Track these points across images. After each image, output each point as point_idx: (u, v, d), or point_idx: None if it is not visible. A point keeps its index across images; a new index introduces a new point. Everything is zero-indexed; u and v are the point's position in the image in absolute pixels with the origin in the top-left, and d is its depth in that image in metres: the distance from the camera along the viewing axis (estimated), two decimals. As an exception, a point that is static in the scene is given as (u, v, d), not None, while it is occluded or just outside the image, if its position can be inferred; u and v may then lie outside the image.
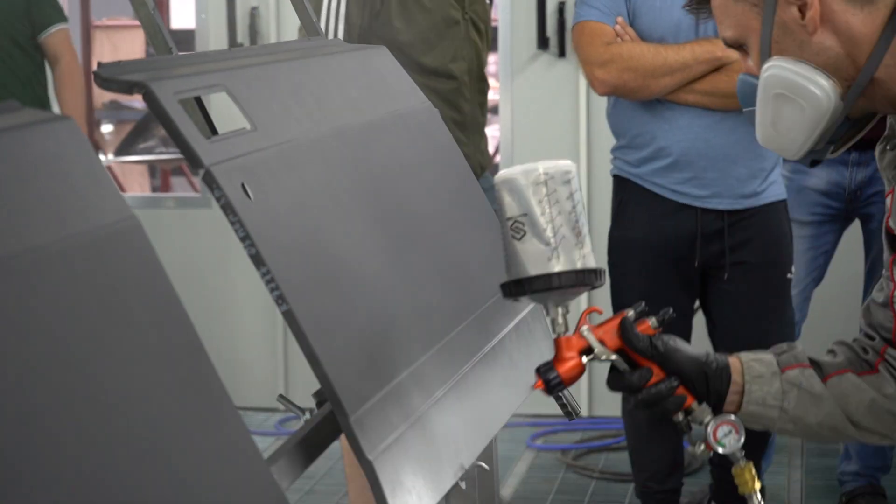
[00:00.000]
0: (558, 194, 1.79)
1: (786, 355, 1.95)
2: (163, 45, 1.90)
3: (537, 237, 1.78)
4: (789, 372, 1.93)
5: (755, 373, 1.92)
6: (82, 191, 1.41)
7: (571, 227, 1.78)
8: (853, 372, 1.94)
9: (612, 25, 3.64)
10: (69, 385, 1.27)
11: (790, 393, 1.92)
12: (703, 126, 3.60)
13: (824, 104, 1.81)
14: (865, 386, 1.92)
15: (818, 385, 1.93)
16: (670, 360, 1.85)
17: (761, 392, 1.91)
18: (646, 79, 3.59)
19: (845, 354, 1.97)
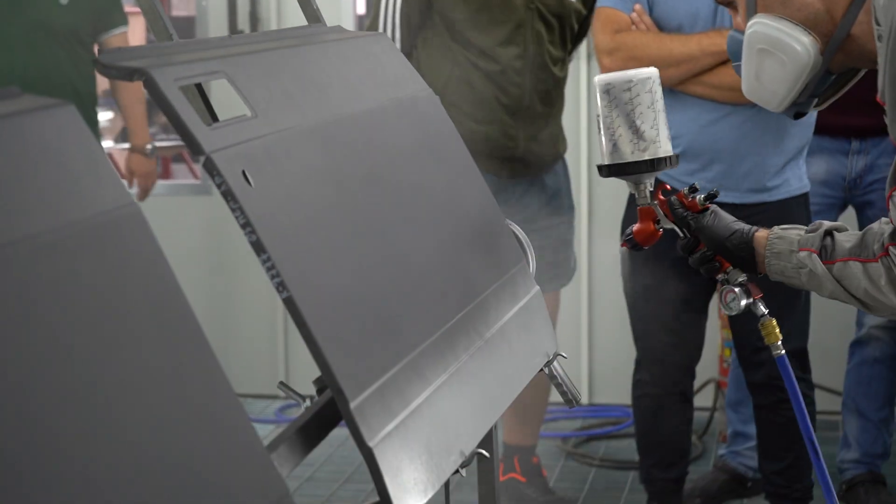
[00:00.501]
0: (619, 99, 2.25)
1: (808, 235, 2.23)
2: (163, 31, 1.89)
3: (604, 134, 2.28)
4: (801, 253, 2.22)
5: (775, 249, 2.25)
6: (82, 177, 1.40)
7: (629, 125, 2.24)
8: (857, 259, 2.16)
9: (628, 13, 3.64)
10: (69, 373, 1.27)
11: (803, 270, 2.22)
12: (711, 119, 3.60)
13: (804, 58, 1.97)
14: (861, 274, 2.15)
15: (821, 268, 2.19)
16: (701, 235, 2.31)
17: (779, 266, 2.24)
18: None
19: (853, 241, 2.19)
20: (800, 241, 2.23)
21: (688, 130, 3.62)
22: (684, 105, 3.63)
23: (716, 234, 2.29)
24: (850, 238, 2.21)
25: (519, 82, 3.94)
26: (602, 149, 2.29)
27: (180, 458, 1.36)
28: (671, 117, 3.79)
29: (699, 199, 2.32)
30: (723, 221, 2.30)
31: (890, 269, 2.12)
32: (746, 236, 2.28)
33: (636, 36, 3.61)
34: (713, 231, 2.28)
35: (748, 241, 2.27)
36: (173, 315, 1.45)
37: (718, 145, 3.60)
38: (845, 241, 2.20)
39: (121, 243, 1.42)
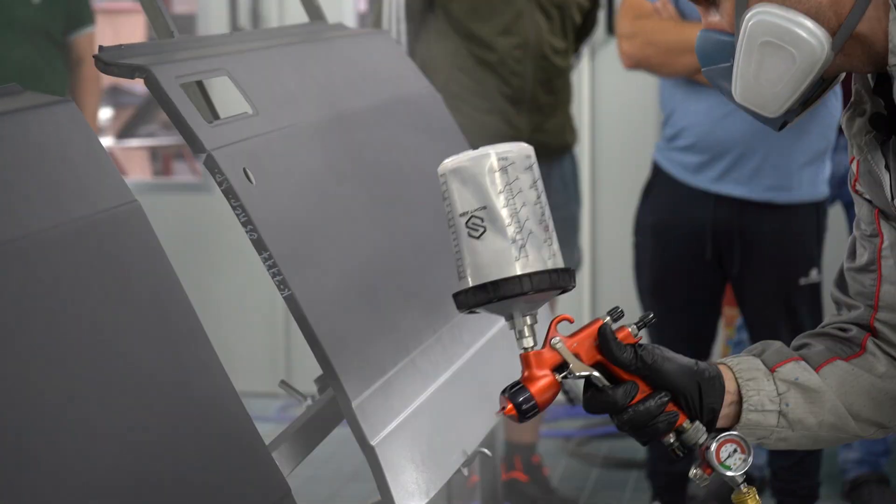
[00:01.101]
0: (521, 182, 1.54)
1: (768, 354, 1.74)
2: (164, 28, 1.89)
3: (499, 233, 1.53)
4: (781, 368, 1.73)
5: (748, 375, 1.71)
6: (84, 175, 1.40)
7: (538, 220, 1.54)
8: (840, 359, 1.75)
9: (653, 1, 3.64)
10: (70, 369, 1.26)
11: (787, 393, 1.73)
12: (725, 111, 3.58)
13: (817, 52, 1.64)
14: (859, 371, 1.75)
15: (815, 378, 1.73)
16: (659, 372, 1.61)
17: (758, 396, 1.70)
18: (667, 55, 3.58)
19: (823, 343, 1.77)
20: (764, 360, 1.74)
21: (700, 122, 3.60)
22: (699, 96, 3.61)
23: (682, 370, 1.64)
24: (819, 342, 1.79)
25: (520, 71, 3.96)
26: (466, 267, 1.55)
27: (182, 456, 1.36)
28: (686, 107, 3.77)
29: (632, 328, 1.63)
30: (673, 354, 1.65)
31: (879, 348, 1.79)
32: (714, 369, 1.68)
33: (655, 22, 3.61)
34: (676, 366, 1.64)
35: (718, 376, 1.68)
36: (174, 313, 1.44)
37: (730, 138, 3.58)
38: (814, 347, 1.78)
39: (122, 241, 1.41)
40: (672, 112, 3.70)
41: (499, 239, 1.52)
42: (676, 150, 3.69)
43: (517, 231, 1.52)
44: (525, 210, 1.53)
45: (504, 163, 1.53)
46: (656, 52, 3.58)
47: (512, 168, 1.53)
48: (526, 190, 1.53)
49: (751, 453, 1.66)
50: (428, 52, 4.05)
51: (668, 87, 3.72)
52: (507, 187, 1.53)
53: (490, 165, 1.52)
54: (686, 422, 1.63)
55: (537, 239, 1.53)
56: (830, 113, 3.62)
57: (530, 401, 1.57)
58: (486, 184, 1.52)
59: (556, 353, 1.59)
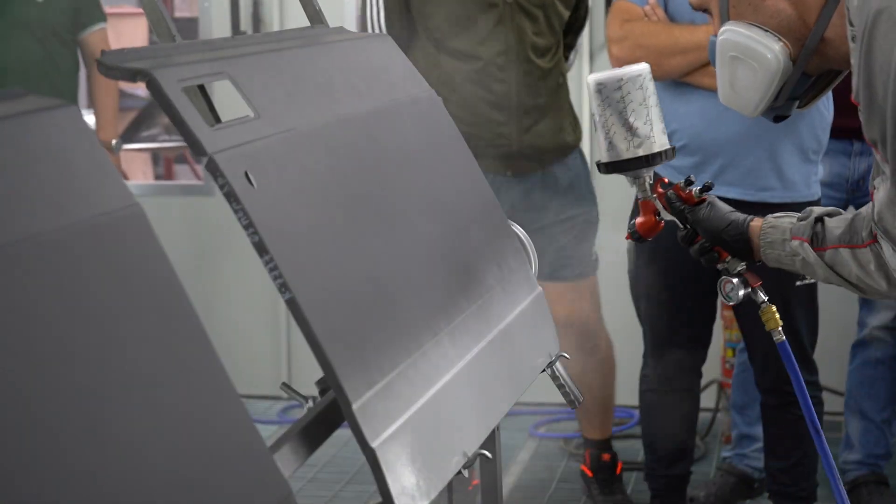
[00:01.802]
0: (611, 98, 2.29)
1: (800, 224, 2.26)
2: (166, 32, 1.89)
3: (600, 132, 2.32)
4: (794, 242, 2.26)
5: (769, 238, 2.30)
6: (85, 178, 1.41)
7: (622, 123, 2.29)
8: (846, 246, 2.20)
9: (642, 6, 3.65)
10: (71, 373, 1.27)
11: (796, 258, 2.27)
12: (717, 111, 3.58)
13: (774, 65, 2.00)
14: (851, 261, 2.19)
15: (812, 256, 2.23)
16: (698, 227, 2.35)
17: (774, 254, 2.30)
18: (658, 57, 3.58)
19: (842, 227, 2.21)
20: (792, 229, 2.27)
21: (692, 123, 3.61)
22: (690, 97, 3.62)
23: (712, 225, 2.33)
24: (839, 224, 2.24)
25: (503, 77, 3.92)
26: (600, 146, 2.34)
27: (183, 459, 1.37)
28: (676, 109, 3.78)
29: (695, 191, 2.36)
30: (719, 213, 2.34)
31: (879, 256, 2.13)
32: (742, 227, 2.33)
33: (644, 25, 3.62)
34: (710, 223, 2.33)
35: (744, 232, 2.32)
36: (176, 316, 1.45)
37: (723, 138, 3.59)
38: (835, 228, 2.24)
39: (124, 244, 1.42)
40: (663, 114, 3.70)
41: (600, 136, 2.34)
42: None
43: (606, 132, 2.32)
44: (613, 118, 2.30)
45: (599, 86, 2.31)
46: (646, 54, 3.59)
47: (604, 89, 2.30)
48: (614, 103, 2.29)
49: (746, 286, 2.37)
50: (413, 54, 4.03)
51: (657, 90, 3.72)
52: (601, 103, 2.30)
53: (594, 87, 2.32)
54: (728, 257, 2.37)
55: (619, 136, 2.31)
56: (821, 114, 3.63)
57: (636, 232, 2.43)
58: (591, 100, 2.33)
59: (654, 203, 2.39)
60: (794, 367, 2.40)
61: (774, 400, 3.80)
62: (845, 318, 4.73)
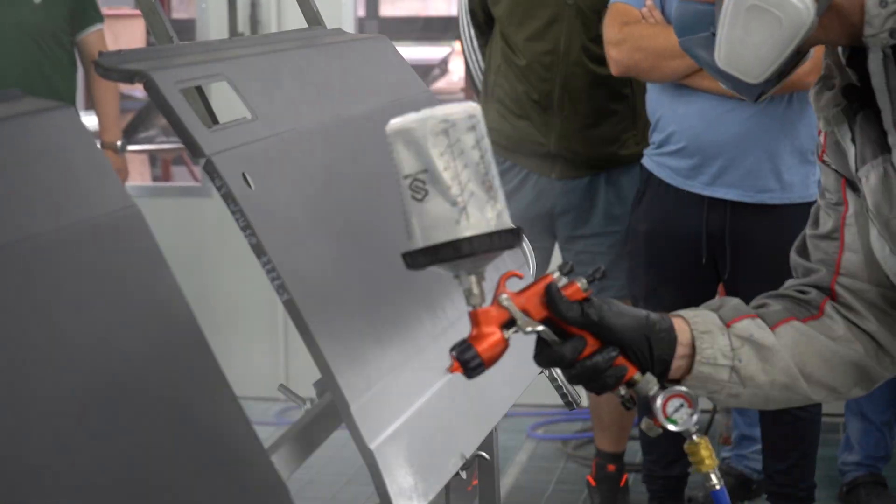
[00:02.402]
0: (462, 143, 1.53)
1: (725, 310, 1.77)
2: (163, 34, 1.89)
3: (441, 196, 1.53)
4: (737, 324, 1.75)
5: (703, 328, 1.73)
6: (83, 179, 1.41)
7: (481, 180, 1.53)
8: (797, 319, 1.79)
9: (639, 8, 3.65)
10: (69, 374, 1.27)
11: (741, 349, 1.74)
12: (715, 113, 3.59)
13: (803, 16, 1.67)
14: (814, 332, 1.78)
15: (769, 336, 1.75)
16: (606, 327, 1.63)
17: (712, 349, 1.72)
18: (657, 59, 3.58)
19: (782, 304, 1.81)
20: (721, 315, 1.77)
21: (691, 125, 3.61)
22: (689, 99, 3.62)
23: (630, 325, 1.66)
24: (775, 302, 1.84)
25: (547, 77, 3.92)
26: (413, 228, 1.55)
27: (181, 461, 1.36)
28: (675, 111, 3.77)
29: (582, 283, 1.64)
30: (624, 307, 1.68)
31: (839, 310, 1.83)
32: (666, 322, 1.72)
33: (643, 28, 3.62)
34: (624, 322, 1.66)
35: (669, 329, 1.71)
36: (173, 317, 1.45)
37: (722, 140, 3.59)
38: (774, 305, 1.82)
39: (121, 245, 1.42)
40: (660, 117, 3.70)
41: (440, 202, 1.52)
42: (666, 155, 3.70)
43: (458, 193, 1.52)
44: (467, 172, 1.52)
45: (445, 125, 1.53)
46: (644, 57, 3.59)
47: (453, 130, 1.53)
48: (468, 150, 1.53)
49: (696, 408, 1.69)
50: (488, 56, 4.12)
51: (655, 92, 3.72)
52: (449, 149, 1.52)
53: (431, 128, 1.52)
54: (637, 374, 1.66)
55: (479, 200, 1.52)
56: None
57: (476, 358, 1.58)
58: (427, 147, 1.52)
59: (505, 309, 1.60)
60: None
61: None
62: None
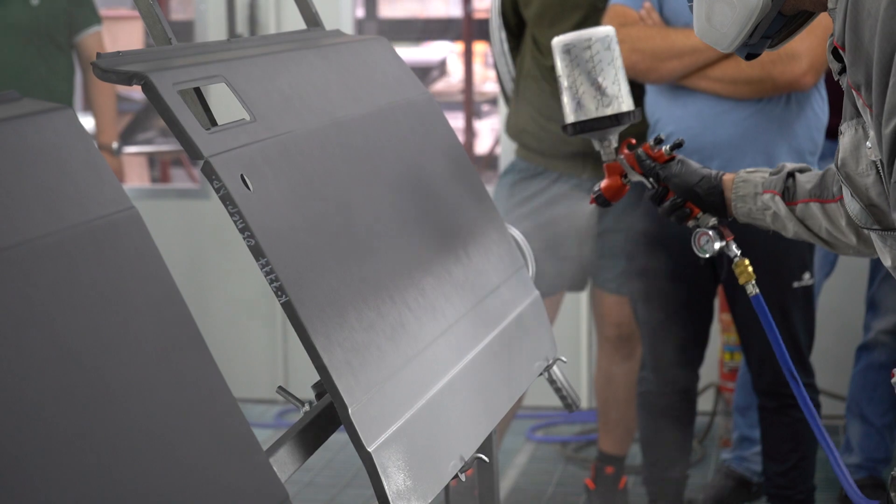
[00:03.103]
0: (580, 59, 2.31)
1: (772, 178, 2.31)
2: (162, 35, 1.89)
3: (567, 93, 2.33)
4: (765, 195, 2.30)
5: (741, 192, 2.33)
6: (81, 181, 1.40)
7: (591, 83, 2.31)
8: (816, 200, 2.24)
9: (637, 10, 3.65)
10: (68, 377, 1.27)
11: (767, 211, 2.31)
12: (713, 114, 3.59)
13: (752, 2, 1.99)
14: (821, 215, 2.24)
15: (783, 210, 2.29)
16: (670, 184, 2.36)
17: (745, 208, 2.34)
18: (654, 61, 3.59)
19: (813, 182, 2.26)
20: (763, 183, 2.31)
21: (689, 125, 3.61)
22: (687, 100, 3.62)
23: (685, 180, 2.35)
24: (811, 179, 2.27)
25: None
26: (565, 110, 2.34)
27: (180, 462, 1.36)
28: (673, 112, 3.78)
29: (665, 149, 2.37)
30: (690, 168, 2.36)
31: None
32: (715, 181, 2.34)
33: (640, 29, 3.62)
34: (682, 178, 2.35)
35: (717, 185, 2.34)
36: (172, 319, 1.45)
37: (720, 140, 3.59)
38: (806, 183, 2.27)
39: (120, 247, 1.41)
40: (659, 119, 3.71)
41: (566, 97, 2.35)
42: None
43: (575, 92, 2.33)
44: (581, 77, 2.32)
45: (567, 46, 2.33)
46: (642, 58, 3.60)
47: (574, 49, 2.33)
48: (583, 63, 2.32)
49: (721, 239, 2.37)
50: (519, 59, 4.14)
51: (653, 93, 3.73)
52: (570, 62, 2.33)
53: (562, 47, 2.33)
54: (700, 213, 2.37)
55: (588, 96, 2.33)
56: (816, 115, 3.64)
57: (601, 196, 2.41)
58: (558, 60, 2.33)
59: (621, 164, 2.39)
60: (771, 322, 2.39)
61: (772, 402, 3.80)
62: (845, 321, 4.72)
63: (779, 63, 3.51)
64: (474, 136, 7.34)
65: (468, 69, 7.07)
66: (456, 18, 8.44)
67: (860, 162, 2.01)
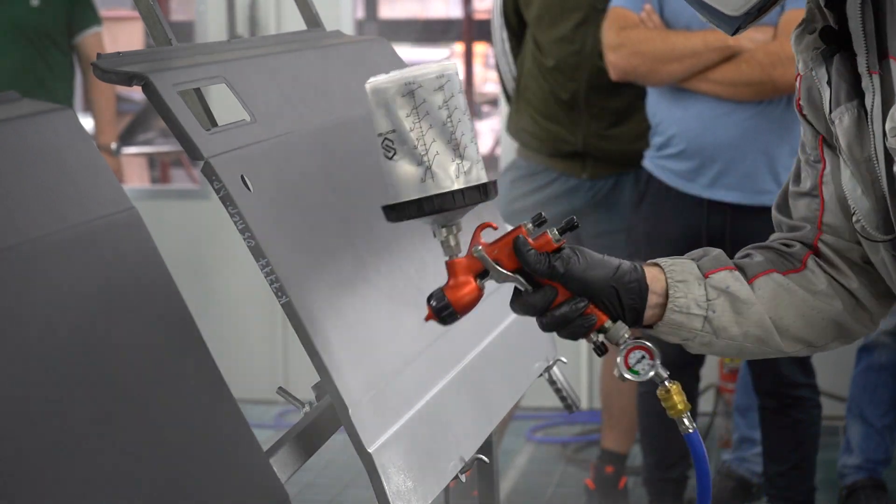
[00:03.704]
0: (429, 104, 1.59)
1: (705, 260, 1.78)
2: (162, 36, 1.89)
3: (408, 156, 1.60)
4: (714, 275, 1.76)
5: (678, 277, 1.75)
6: (82, 182, 1.40)
7: (447, 140, 1.59)
8: (777, 272, 1.79)
9: (638, 12, 3.66)
10: (68, 376, 1.27)
11: (716, 300, 1.75)
12: (714, 116, 3.60)
13: None
14: (794, 286, 1.78)
15: (745, 289, 1.76)
16: (573, 279, 1.68)
17: (685, 298, 1.74)
18: (654, 63, 3.60)
19: (765, 255, 1.81)
20: (700, 266, 1.78)
21: (690, 127, 3.62)
22: (687, 102, 3.63)
23: (596, 275, 1.70)
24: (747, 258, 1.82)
25: (574, 77, 3.97)
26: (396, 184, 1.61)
27: (180, 463, 1.36)
28: (673, 114, 3.78)
29: (553, 233, 1.68)
30: (596, 258, 1.71)
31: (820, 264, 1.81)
32: (637, 272, 1.73)
33: (641, 32, 3.63)
34: (592, 272, 1.69)
35: (639, 279, 1.73)
36: (171, 320, 1.45)
37: (720, 142, 3.60)
38: (745, 260, 1.82)
39: (120, 247, 1.42)
40: (660, 121, 3.72)
41: (407, 161, 1.59)
42: (667, 157, 3.71)
43: (424, 154, 1.59)
44: (432, 132, 1.58)
45: (411, 86, 1.59)
46: (643, 61, 3.61)
47: (420, 91, 1.59)
48: (434, 111, 1.59)
49: (657, 358, 1.71)
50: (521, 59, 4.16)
51: (654, 95, 3.74)
52: (415, 111, 1.59)
53: (398, 90, 1.59)
54: (608, 322, 1.70)
55: (445, 159, 1.59)
56: None
57: (448, 307, 1.64)
58: (394, 108, 1.59)
59: (478, 260, 1.66)
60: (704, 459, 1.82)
61: (772, 403, 3.81)
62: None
63: (779, 65, 3.51)
64: (475, 137, 7.34)
65: (468, 70, 7.08)
66: (456, 19, 8.44)
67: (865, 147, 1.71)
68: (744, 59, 3.54)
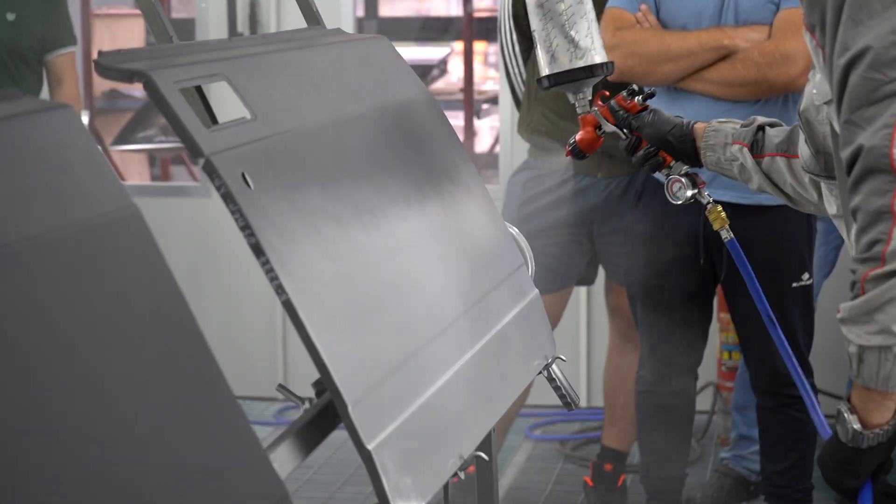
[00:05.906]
0: (553, 12, 2.32)
1: (742, 130, 2.40)
2: (163, 33, 1.89)
3: (541, 47, 2.35)
4: (734, 146, 2.39)
5: (711, 141, 2.42)
6: (82, 179, 1.41)
7: (564, 35, 2.31)
8: (783, 155, 2.33)
9: (634, 13, 3.66)
10: (68, 375, 1.27)
11: (735, 162, 2.40)
12: (710, 115, 3.59)
13: None
14: (786, 170, 2.33)
15: (751, 162, 2.37)
16: (643, 133, 2.44)
17: (714, 157, 2.42)
18: (650, 64, 3.60)
19: (784, 136, 2.34)
20: (734, 134, 2.39)
21: None
22: (684, 103, 3.63)
23: (657, 129, 2.42)
24: (779, 134, 2.35)
25: None
26: (540, 64, 2.37)
27: (180, 460, 1.37)
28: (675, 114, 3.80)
29: (638, 100, 2.45)
30: (662, 117, 2.44)
31: None
32: (686, 129, 2.43)
33: (636, 32, 3.63)
34: (654, 126, 2.42)
35: (688, 133, 2.42)
36: (172, 317, 1.45)
37: None
38: (774, 137, 2.35)
39: (120, 245, 1.42)
40: None
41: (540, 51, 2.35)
42: None
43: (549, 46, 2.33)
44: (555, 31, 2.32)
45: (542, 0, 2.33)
46: (639, 62, 3.61)
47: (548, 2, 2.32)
48: (556, 16, 2.32)
49: (692, 186, 2.43)
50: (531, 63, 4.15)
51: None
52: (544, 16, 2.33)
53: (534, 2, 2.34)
54: (672, 161, 2.45)
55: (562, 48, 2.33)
56: None
57: (577, 147, 2.48)
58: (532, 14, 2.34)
59: (595, 117, 2.44)
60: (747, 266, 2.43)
61: (770, 402, 3.81)
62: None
63: (774, 65, 3.52)
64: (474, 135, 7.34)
65: (468, 68, 7.08)
66: (456, 17, 8.44)
67: (821, 109, 2.08)
68: (739, 59, 3.55)
